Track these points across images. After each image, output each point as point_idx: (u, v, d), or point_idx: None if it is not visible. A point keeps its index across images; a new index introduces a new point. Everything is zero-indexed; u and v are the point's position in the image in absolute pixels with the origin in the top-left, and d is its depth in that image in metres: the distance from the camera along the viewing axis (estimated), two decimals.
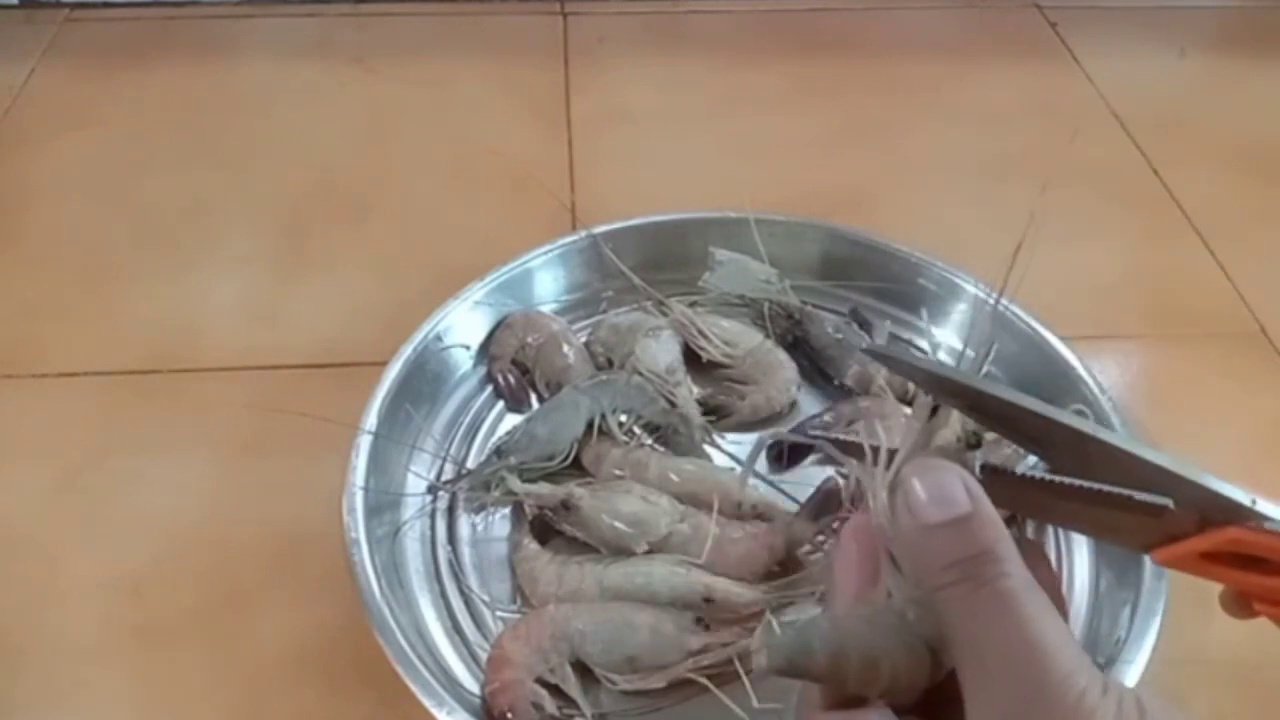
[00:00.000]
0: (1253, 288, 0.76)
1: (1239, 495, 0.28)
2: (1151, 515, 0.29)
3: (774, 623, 0.28)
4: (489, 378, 0.66)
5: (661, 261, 0.71)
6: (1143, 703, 0.25)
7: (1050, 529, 0.59)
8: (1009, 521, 0.29)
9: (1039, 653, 0.25)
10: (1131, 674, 0.48)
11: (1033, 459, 0.33)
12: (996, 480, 0.30)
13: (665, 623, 0.51)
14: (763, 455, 0.62)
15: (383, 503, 0.56)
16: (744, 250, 0.69)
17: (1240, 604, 0.31)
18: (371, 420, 0.58)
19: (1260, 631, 0.33)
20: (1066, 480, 0.29)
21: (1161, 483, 0.29)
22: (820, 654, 0.28)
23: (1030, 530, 0.58)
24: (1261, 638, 0.55)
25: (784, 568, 0.55)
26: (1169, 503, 0.28)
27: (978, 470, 0.29)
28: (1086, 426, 0.29)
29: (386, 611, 0.50)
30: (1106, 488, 0.29)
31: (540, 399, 0.65)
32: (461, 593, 0.56)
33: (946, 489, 0.27)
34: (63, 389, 0.67)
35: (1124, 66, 0.99)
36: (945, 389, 0.30)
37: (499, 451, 0.60)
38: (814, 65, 0.98)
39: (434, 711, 0.46)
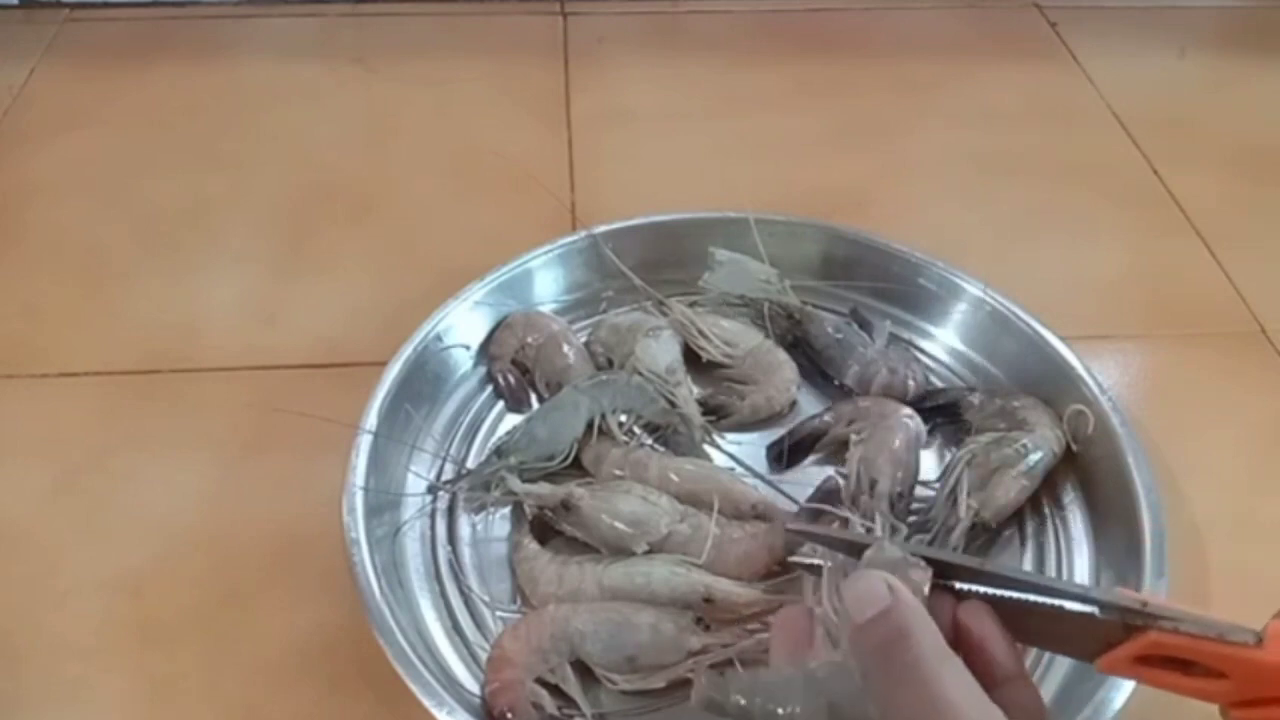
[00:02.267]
0: (1253, 288, 0.76)
1: (1130, 601, 0.32)
2: (1084, 625, 0.32)
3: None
4: (489, 378, 0.66)
5: (661, 261, 0.71)
6: None
7: (1050, 528, 0.59)
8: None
9: (942, 705, 0.29)
10: None
11: None
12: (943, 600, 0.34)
13: (665, 623, 0.51)
14: (763, 455, 0.63)
15: (383, 503, 0.56)
16: (744, 250, 0.69)
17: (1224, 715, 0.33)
18: (371, 420, 0.58)
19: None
20: (1009, 596, 0.34)
21: (1086, 598, 0.32)
22: (733, 702, 0.34)
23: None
24: None
25: (784, 568, 0.55)
26: (1094, 610, 0.32)
27: (926, 590, 0.34)
28: (1009, 571, 0.34)
29: (386, 611, 0.50)
30: (1039, 599, 0.33)
31: (540, 399, 0.65)
32: (461, 593, 0.56)
33: (871, 591, 0.32)
34: (63, 389, 0.67)
35: (1124, 66, 0.99)
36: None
37: (499, 451, 0.60)
38: (814, 65, 0.98)
39: (434, 711, 0.46)
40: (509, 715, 0.49)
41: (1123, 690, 0.47)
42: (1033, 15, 1.06)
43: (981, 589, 0.34)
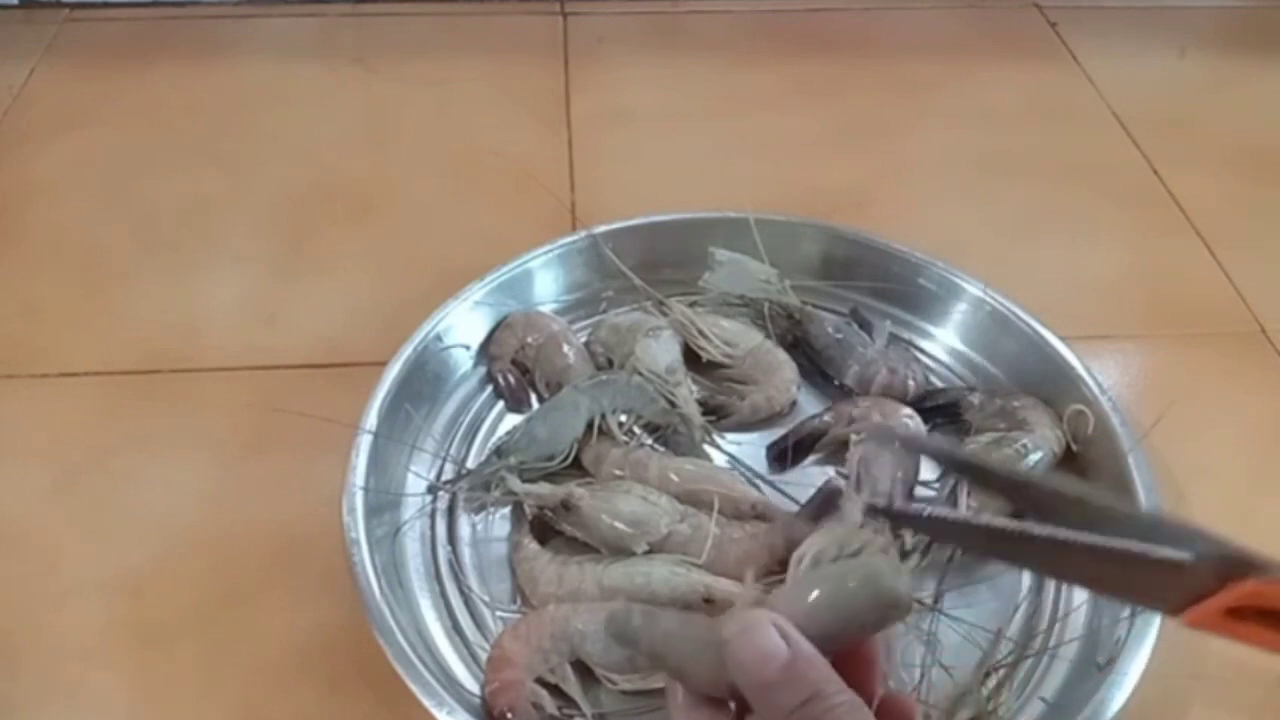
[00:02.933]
0: (1253, 288, 0.76)
1: (1227, 547, 0.28)
2: (1170, 572, 0.28)
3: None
4: (489, 378, 0.66)
5: (661, 261, 0.71)
6: None
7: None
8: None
9: None
10: (1132, 673, 0.48)
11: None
12: (1003, 537, 0.31)
13: None
14: (763, 455, 0.63)
15: (383, 503, 0.56)
16: (744, 250, 0.69)
17: None
18: (371, 420, 0.58)
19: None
20: (1081, 538, 0.29)
21: (1177, 539, 0.28)
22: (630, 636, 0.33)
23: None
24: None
25: (784, 568, 0.55)
26: (1187, 556, 0.28)
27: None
28: (1094, 496, 0.30)
29: (386, 611, 0.50)
30: (1122, 544, 0.28)
31: (540, 399, 0.65)
32: (461, 593, 0.56)
33: (764, 644, 0.30)
34: (63, 389, 0.67)
35: (1124, 66, 0.99)
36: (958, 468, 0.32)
37: (499, 451, 0.60)
38: (814, 65, 0.98)
39: (434, 711, 0.46)
40: (509, 715, 0.49)
41: (1123, 690, 0.47)
42: (1033, 15, 1.06)
43: (1043, 531, 0.30)
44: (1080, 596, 0.55)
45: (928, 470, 0.61)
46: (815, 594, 0.31)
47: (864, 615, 0.31)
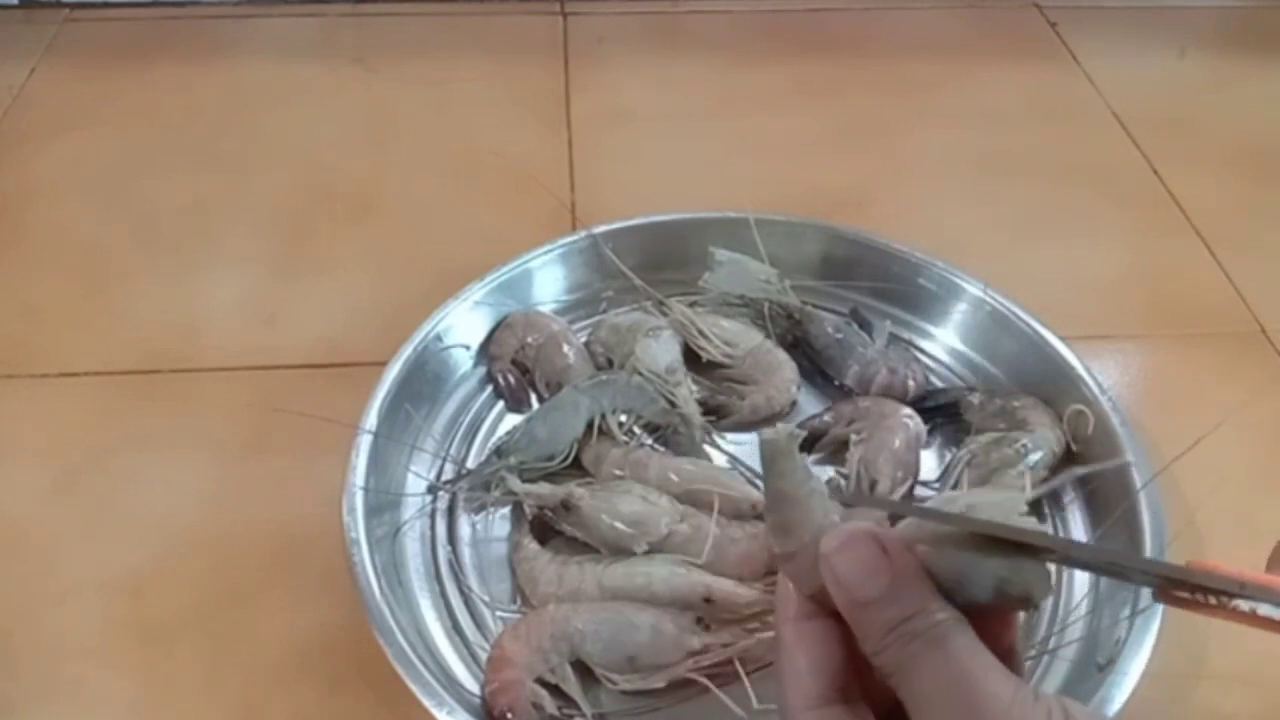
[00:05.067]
0: (1253, 288, 0.76)
1: (1218, 581, 0.28)
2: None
3: None
4: (489, 378, 0.66)
5: (661, 261, 0.71)
6: (1069, 709, 0.27)
7: (1050, 525, 0.59)
8: None
9: (969, 676, 0.27)
10: (1132, 673, 0.48)
11: None
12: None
13: (665, 623, 0.51)
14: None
15: (383, 503, 0.56)
16: (744, 250, 0.69)
17: None
18: (371, 420, 0.58)
19: (1260, 631, 0.33)
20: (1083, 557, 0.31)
21: (1169, 577, 0.29)
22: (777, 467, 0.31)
23: None
24: (1261, 637, 0.55)
25: None
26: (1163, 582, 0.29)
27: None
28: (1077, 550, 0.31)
29: (386, 611, 0.50)
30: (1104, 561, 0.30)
31: (540, 399, 0.65)
32: (461, 593, 0.56)
33: (867, 561, 0.29)
34: (63, 389, 0.67)
35: (1124, 66, 0.99)
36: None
37: (499, 451, 0.60)
38: (814, 65, 0.98)
39: (434, 711, 0.46)
40: (509, 715, 0.49)
41: (1123, 690, 0.47)
42: (1033, 15, 1.06)
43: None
44: (1080, 599, 0.55)
45: (928, 470, 0.61)
46: (947, 528, 0.29)
47: (988, 573, 0.29)
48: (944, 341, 0.69)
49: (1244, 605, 0.28)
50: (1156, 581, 0.29)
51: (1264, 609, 0.28)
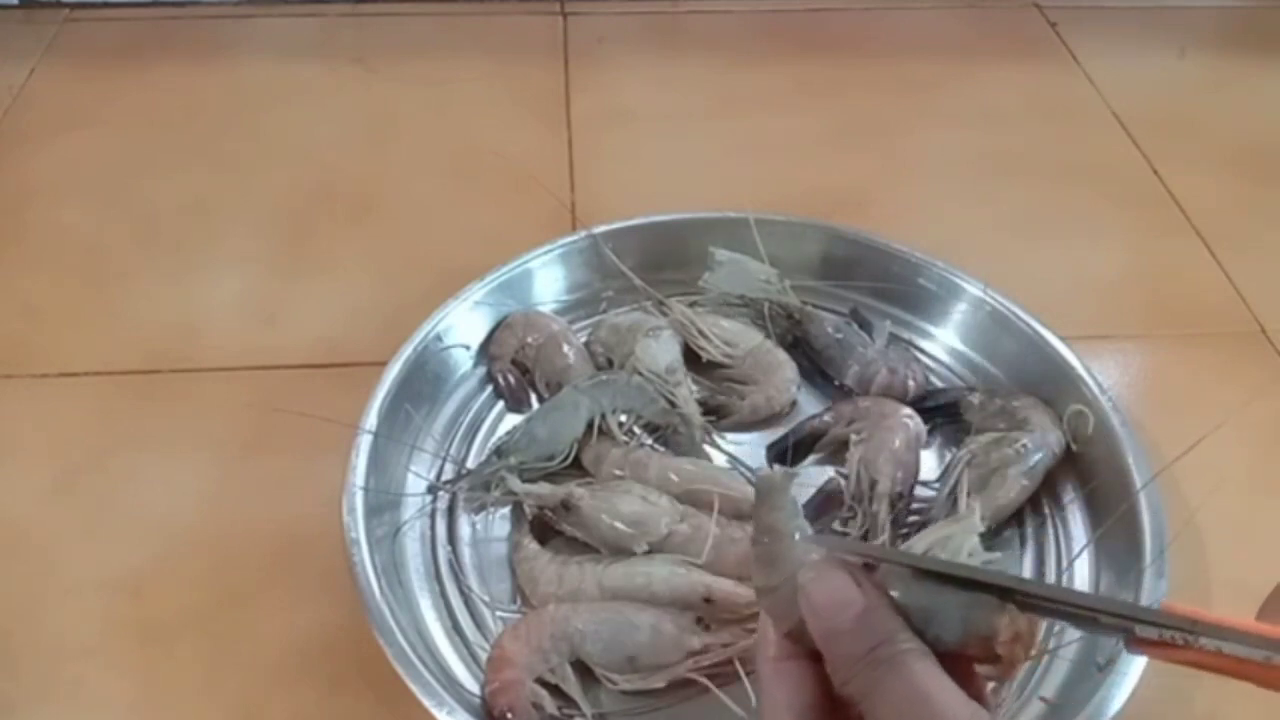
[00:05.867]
0: (1253, 288, 0.76)
1: (1174, 620, 0.29)
2: (1120, 631, 0.30)
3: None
4: (489, 378, 0.66)
5: (661, 261, 0.71)
6: None
7: (1050, 524, 0.59)
8: None
9: (927, 697, 0.29)
10: (1132, 673, 0.48)
11: None
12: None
13: (665, 623, 0.51)
14: (763, 455, 0.63)
15: (383, 503, 0.56)
16: (744, 250, 0.69)
17: None
18: (371, 420, 0.58)
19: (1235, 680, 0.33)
20: (1042, 595, 0.31)
21: (1127, 615, 0.30)
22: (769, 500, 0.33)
23: None
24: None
25: None
26: (1133, 627, 0.30)
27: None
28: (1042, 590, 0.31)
29: (386, 611, 0.50)
30: (1073, 611, 0.30)
31: (540, 399, 0.65)
32: (461, 593, 0.56)
33: (840, 591, 0.31)
34: (63, 389, 0.67)
35: (1124, 66, 1.00)
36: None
37: (499, 451, 0.60)
38: (814, 65, 0.98)
39: (434, 711, 0.46)
40: (509, 715, 0.49)
41: (1123, 690, 0.47)
42: (1033, 15, 1.06)
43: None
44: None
45: (928, 470, 0.61)
46: (917, 574, 0.31)
47: (953, 613, 0.30)
48: (944, 341, 0.69)
49: (1209, 644, 0.29)
50: (1122, 626, 0.30)
51: (1229, 648, 0.29)
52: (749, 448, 0.63)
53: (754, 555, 0.34)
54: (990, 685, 0.45)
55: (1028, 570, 0.57)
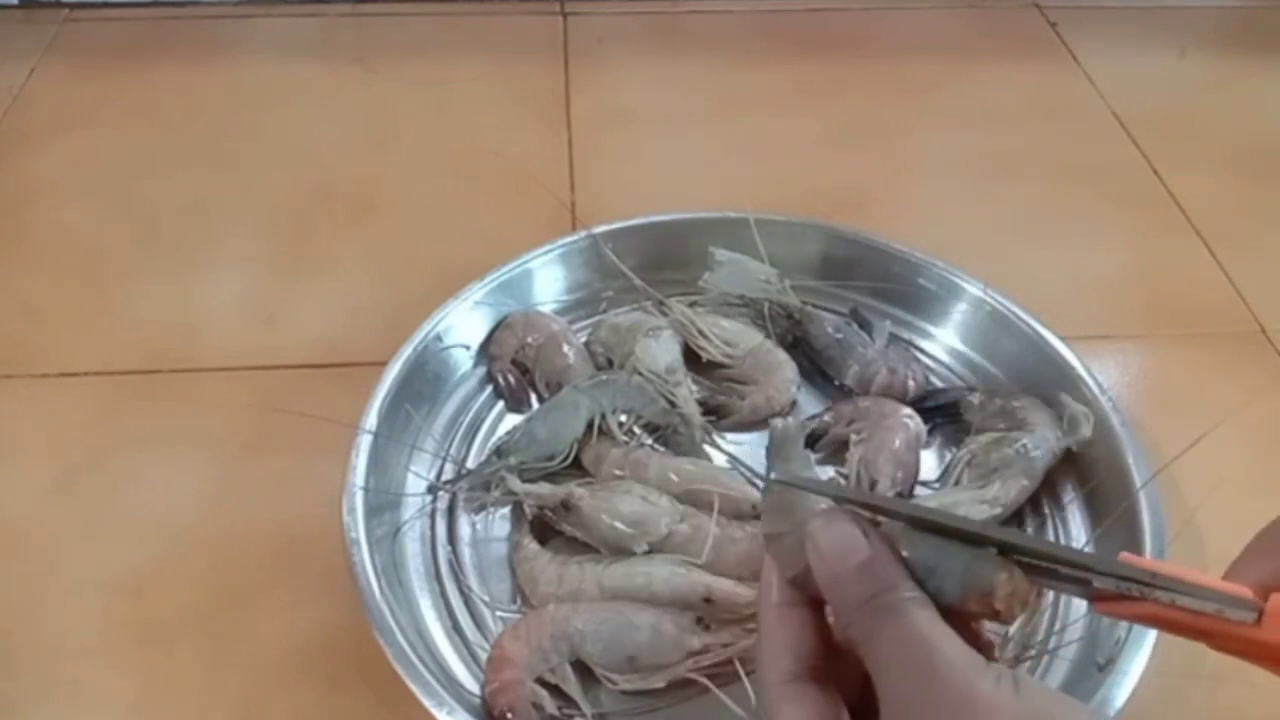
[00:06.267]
0: (1253, 288, 0.76)
1: (1133, 571, 0.30)
2: (1081, 582, 0.31)
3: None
4: (489, 378, 0.66)
5: (661, 261, 0.71)
6: (1019, 680, 0.29)
7: (1050, 525, 0.59)
8: None
9: (926, 642, 0.29)
10: (1132, 673, 0.48)
11: None
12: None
13: (665, 623, 0.51)
14: (763, 455, 0.63)
15: (383, 503, 0.56)
16: (744, 250, 0.69)
17: None
18: (371, 420, 0.58)
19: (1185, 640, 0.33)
20: (1014, 542, 0.32)
21: (1086, 565, 0.31)
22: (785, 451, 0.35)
23: None
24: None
25: None
26: (1089, 576, 0.31)
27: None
28: (1004, 534, 0.32)
29: (386, 611, 0.50)
30: (1033, 560, 0.31)
31: (540, 399, 0.65)
32: (461, 593, 0.56)
33: (848, 539, 0.32)
34: (63, 389, 0.67)
35: (1124, 66, 0.99)
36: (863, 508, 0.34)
37: (499, 451, 0.60)
38: (814, 65, 0.98)
39: (434, 711, 0.46)
40: (509, 715, 0.49)
41: (1123, 690, 0.47)
42: (1033, 15, 1.06)
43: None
44: (1080, 599, 0.55)
45: (928, 470, 0.61)
46: (922, 529, 0.32)
47: (955, 568, 0.31)
48: (944, 341, 0.69)
49: (1164, 597, 0.30)
50: (1086, 584, 0.31)
51: (1183, 601, 0.30)
52: (749, 448, 0.63)
53: (765, 503, 0.35)
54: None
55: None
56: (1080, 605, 0.55)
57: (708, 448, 0.63)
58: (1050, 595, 0.55)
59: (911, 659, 0.29)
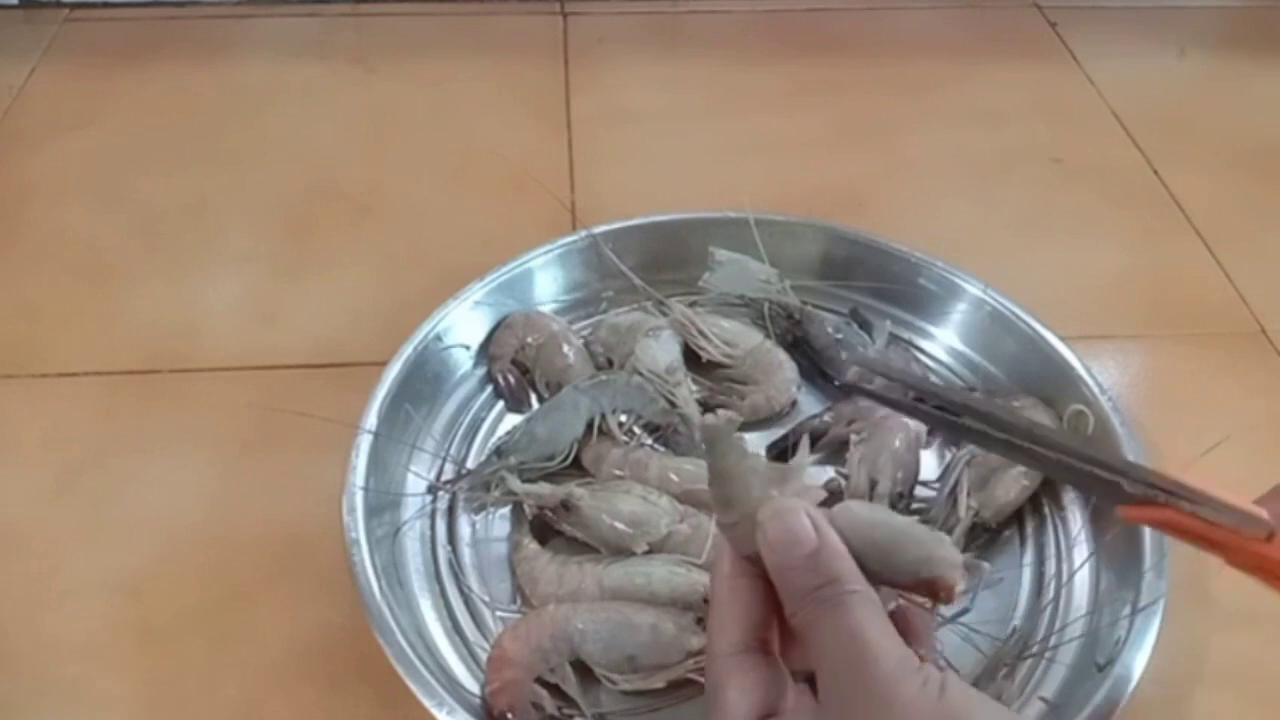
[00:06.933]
0: (1253, 288, 0.76)
1: (1159, 479, 0.33)
2: (1109, 486, 0.34)
3: None
4: (489, 378, 0.66)
5: (661, 261, 0.71)
6: (946, 683, 0.30)
7: (1050, 528, 0.59)
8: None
9: (862, 636, 0.31)
10: (1132, 673, 0.48)
11: None
12: (972, 433, 0.35)
13: (665, 623, 0.51)
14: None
15: (383, 503, 0.56)
16: (744, 250, 0.69)
17: None
18: (371, 420, 0.58)
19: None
20: (1044, 451, 0.34)
21: (1119, 468, 0.33)
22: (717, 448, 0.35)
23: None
24: (1261, 637, 0.55)
25: None
26: (1121, 480, 0.33)
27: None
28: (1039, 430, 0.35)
29: (386, 611, 0.50)
30: (1071, 460, 0.34)
31: (540, 399, 0.65)
32: (461, 593, 0.56)
33: (795, 530, 0.33)
34: (63, 389, 0.67)
35: (1124, 66, 0.99)
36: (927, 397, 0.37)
37: (499, 451, 0.60)
38: (814, 65, 0.98)
39: (434, 711, 0.46)
40: (509, 715, 0.49)
41: (1123, 690, 0.47)
42: (1033, 15, 1.06)
43: (1001, 434, 0.35)
44: (1080, 599, 0.55)
45: (928, 470, 0.61)
46: (875, 515, 0.34)
47: (907, 556, 0.33)
48: (944, 341, 0.69)
49: (1187, 507, 0.32)
50: (1117, 487, 0.33)
51: (1204, 512, 0.32)
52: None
53: (712, 497, 0.35)
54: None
55: (1027, 571, 0.57)
56: (1080, 605, 0.55)
57: None
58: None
59: (845, 652, 0.31)
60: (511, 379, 0.66)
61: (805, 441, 0.42)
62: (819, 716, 0.32)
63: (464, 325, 0.66)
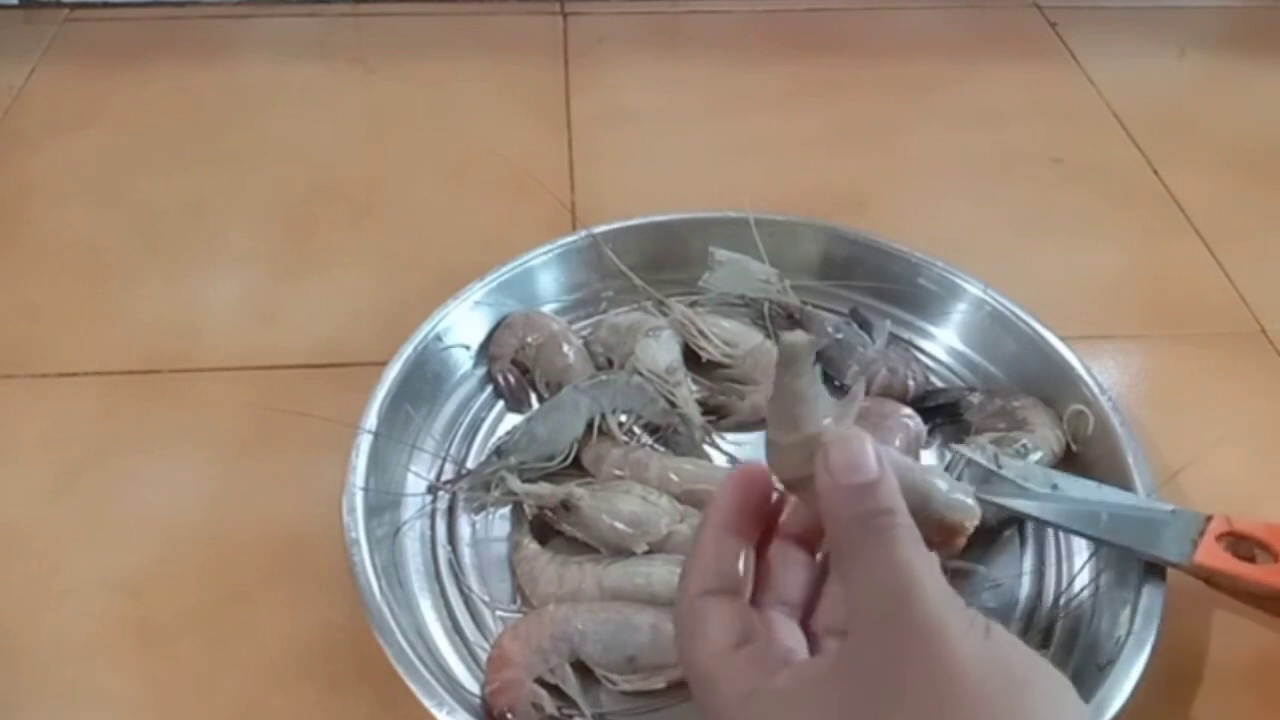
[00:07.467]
0: (1253, 288, 0.76)
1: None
2: (1168, 523, 0.37)
3: None
4: (489, 378, 0.66)
5: (661, 261, 0.71)
6: (991, 626, 0.30)
7: (1050, 528, 0.59)
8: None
9: (910, 568, 0.30)
10: (1132, 673, 0.48)
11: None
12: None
13: (665, 623, 0.51)
14: (763, 455, 0.62)
15: (383, 503, 0.56)
16: (744, 250, 0.69)
17: None
18: (371, 420, 0.58)
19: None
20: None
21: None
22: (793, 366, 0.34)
23: None
24: (1261, 638, 0.55)
25: None
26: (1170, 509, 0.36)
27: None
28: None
29: (386, 611, 0.50)
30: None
31: (540, 399, 0.65)
32: (461, 593, 0.56)
33: (859, 457, 0.32)
34: (63, 389, 0.67)
35: (1124, 66, 1.00)
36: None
37: (499, 451, 0.60)
38: (814, 65, 0.98)
39: (434, 711, 0.46)
40: (509, 715, 0.49)
41: (1123, 690, 0.47)
42: (1033, 15, 1.07)
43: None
44: (1080, 599, 0.55)
45: None
46: (908, 459, 0.35)
47: (936, 498, 0.35)
48: (944, 341, 0.69)
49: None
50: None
51: None
52: (749, 448, 0.63)
53: (771, 412, 0.35)
54: None
55: (1027, 572, 0.57)
56: (1080, 605, 0.55)
57: (708, 448, 0.63)
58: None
59: (889, 582, 0.30)
60: (511, 379, 0.66)
61: (860, 384, 0.42)
62: (840, 662, 0.31)
63: (464, 325, 0.66)
